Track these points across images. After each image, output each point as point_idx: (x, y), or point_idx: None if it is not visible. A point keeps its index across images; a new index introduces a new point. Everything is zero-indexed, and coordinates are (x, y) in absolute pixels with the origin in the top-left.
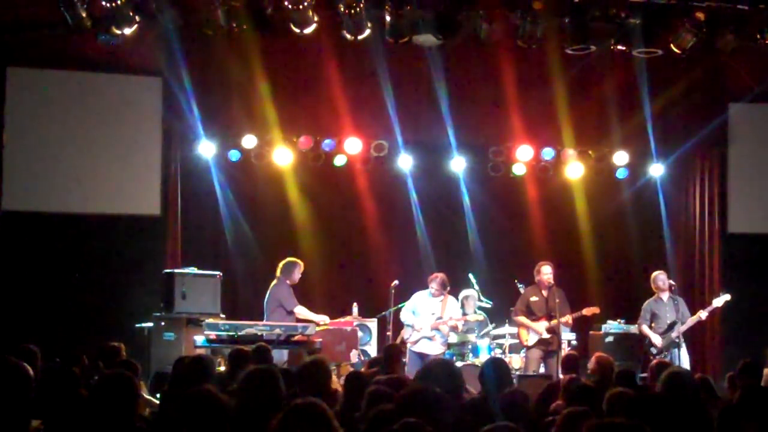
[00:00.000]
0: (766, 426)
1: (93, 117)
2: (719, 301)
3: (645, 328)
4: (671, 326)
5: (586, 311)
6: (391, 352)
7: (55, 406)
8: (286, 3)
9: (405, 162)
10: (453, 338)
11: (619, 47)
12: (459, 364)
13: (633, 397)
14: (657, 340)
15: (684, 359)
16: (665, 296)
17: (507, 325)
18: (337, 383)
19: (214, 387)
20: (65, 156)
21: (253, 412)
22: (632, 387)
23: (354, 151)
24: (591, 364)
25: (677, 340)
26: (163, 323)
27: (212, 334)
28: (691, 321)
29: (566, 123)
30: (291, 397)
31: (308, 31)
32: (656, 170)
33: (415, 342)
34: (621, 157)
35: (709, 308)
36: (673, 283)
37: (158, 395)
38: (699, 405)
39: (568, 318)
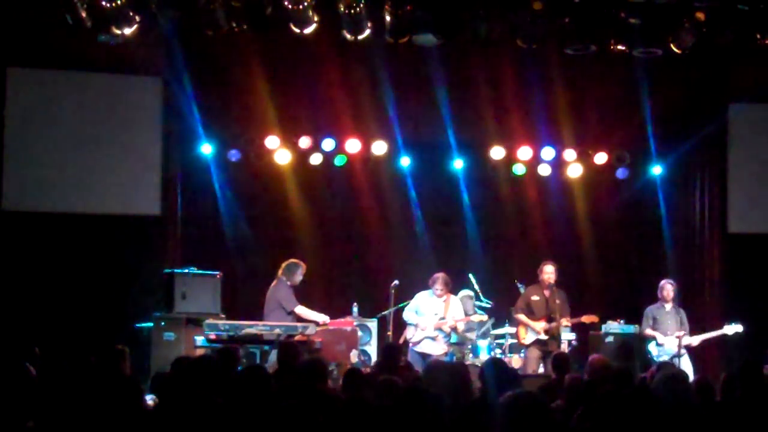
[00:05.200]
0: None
1: (93, 117)
2: (730, 329)
3: (649, 331)
4: (674, 340)
5: (585, 319)
6: (390, 351)
7: (53, 407)
8: (286, 3)
9: (405, 162)
10: (453, 338)
11: (619, 47)
12: None
13: (626, 397)
14: (662, 338)
15: (685, 365)
16: (668, 306)
17: (507, 325)
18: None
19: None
20: (65, 156)
21: (244, 411)
22: (629, 387)
23: (354, 151)
24: (588, 365)
25: (681, 352)
26: (163, 323)
27: (212, 334)
28: (699, 339)
29: (566, 123)
30: (285, 395)
31: (308, 31)
32: (656, 170)
33: (418, 342)
34: (621, 157)
35: (719, 332)
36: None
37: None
38: (692, 406)
39: (566, 321)
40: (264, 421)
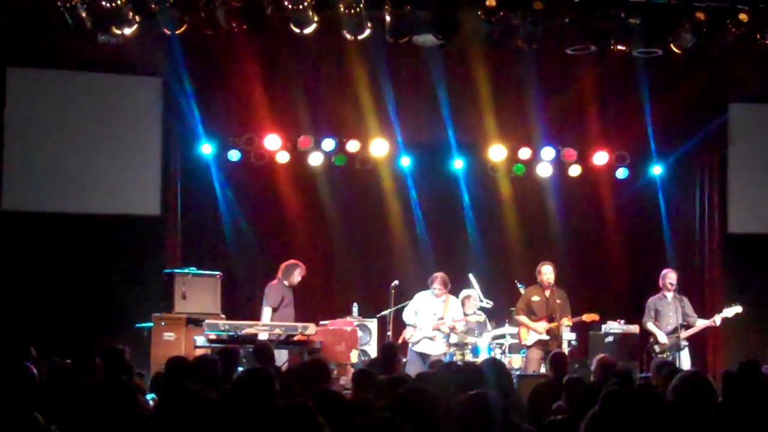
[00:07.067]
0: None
1: (93, 117)
2: (730, 311)
3: (650, 326)
4: (676, 329)
5: (586, 317)
6: (389, 350)
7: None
8: (286, 3)
9: (405, 162)
10: (453, 338)
11: (619, 47)
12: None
13: (628, 397)
14: (663, 338)
15: (685, 360)
16: (670, 295)
17: (507, 325)
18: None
19: (200, 386)
20: (65, 156)
21: (246, 412)
22: (630, 387)
23: (354, 151)
24: (593, 364)
25: (682, 343)
26: (163, 323)
27: (212, 334)
28: (700, 326)
29: (566, 123)
30: (288, 397)
31: (308, 31)
32: (656, 170)
33: (417, 342)
34: (621, 157)
35: (720, 316)
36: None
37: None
38: (708, 407)
39: (567, 321)
40: (266, 422)
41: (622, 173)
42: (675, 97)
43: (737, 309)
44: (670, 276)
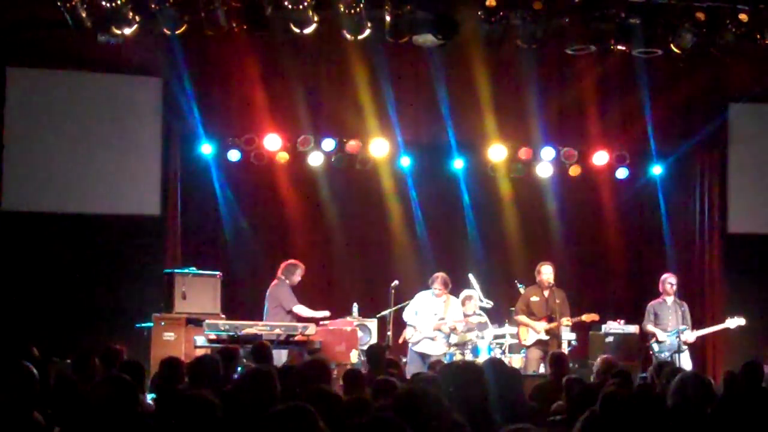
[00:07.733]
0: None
1: (93, 117)
2: (733, 323)
3: (650, 327)
4: (675, 333)
5: (586, 317)
6: (373, 352)
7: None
8: (286, 3)
9: (405, 162)
10: (453, 338)
11: (619, 47)
12: None
13: (627, 397)
14: (662, 335)
15: (685, 362)
16: (670, 300)
17: (507, 325)
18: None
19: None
20: (65, 156)
21: (247, 412)
22: (629, 387)
23: (354, 151)
24: (596, 365)
25: (682, 348)
26: (163, 323)
27: (212, 334)
28: (698, 334)
29: (566, 123)
30: (289, 397)
31: (308, 31)
32: (656, 170)
33: (417, 342)
34: (621, 157)
35: (720, 326)
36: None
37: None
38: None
39: (567, 321)
40: (266, 425)
41: (622, 173)
42: (675, 97)
43: (740, 321)
44: (669, 280)
